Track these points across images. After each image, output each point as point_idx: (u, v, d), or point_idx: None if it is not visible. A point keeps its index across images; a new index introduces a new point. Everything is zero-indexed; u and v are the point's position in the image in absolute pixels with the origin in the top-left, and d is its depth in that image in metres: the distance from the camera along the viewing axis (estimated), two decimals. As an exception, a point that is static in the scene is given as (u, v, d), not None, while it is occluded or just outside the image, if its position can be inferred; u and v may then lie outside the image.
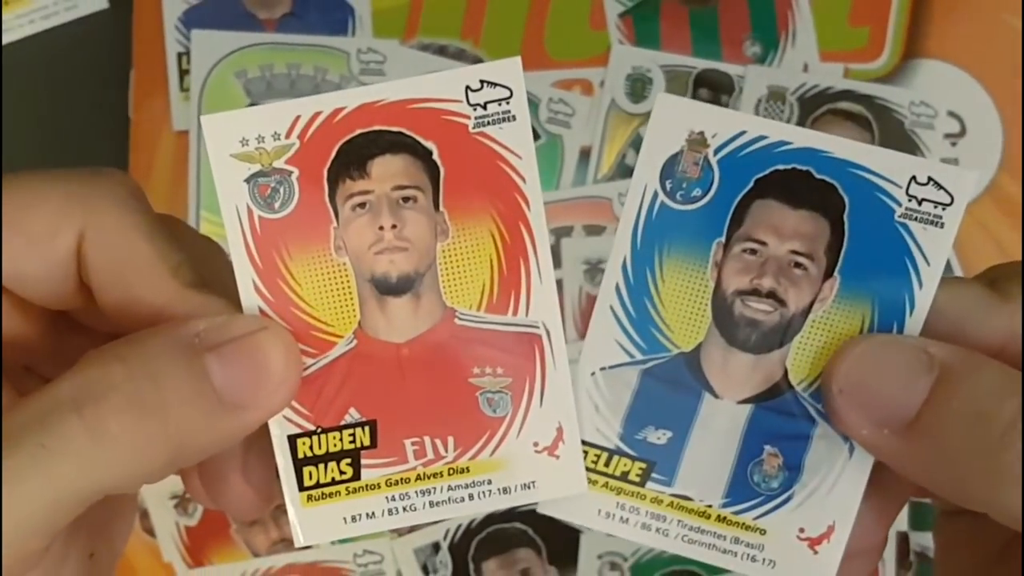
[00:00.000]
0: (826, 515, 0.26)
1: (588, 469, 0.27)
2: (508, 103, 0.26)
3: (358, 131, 0.26)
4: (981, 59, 0.50)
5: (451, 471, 0.27)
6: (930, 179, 0.25)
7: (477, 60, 0.51)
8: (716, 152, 0.26)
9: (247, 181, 0.26)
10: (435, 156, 0.26)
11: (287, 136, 0.26)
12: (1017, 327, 0.25)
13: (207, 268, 0.27)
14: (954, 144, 0.50)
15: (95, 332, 0.27)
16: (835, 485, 0.26)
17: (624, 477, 0.27)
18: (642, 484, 0.27)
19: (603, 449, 0.27)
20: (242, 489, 0.26)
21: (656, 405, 0.27)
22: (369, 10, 0.51)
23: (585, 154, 0.51)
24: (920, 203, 0.26)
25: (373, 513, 0.27)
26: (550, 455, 0.27)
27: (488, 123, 0.26)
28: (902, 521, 0.50)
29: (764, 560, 0.27)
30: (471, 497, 0.27)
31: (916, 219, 0.26)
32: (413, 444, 0.27)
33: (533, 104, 0.51)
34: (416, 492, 0.27)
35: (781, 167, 0.26)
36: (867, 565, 0.28)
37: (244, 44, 0.51)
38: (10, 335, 0.26)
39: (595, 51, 0.51)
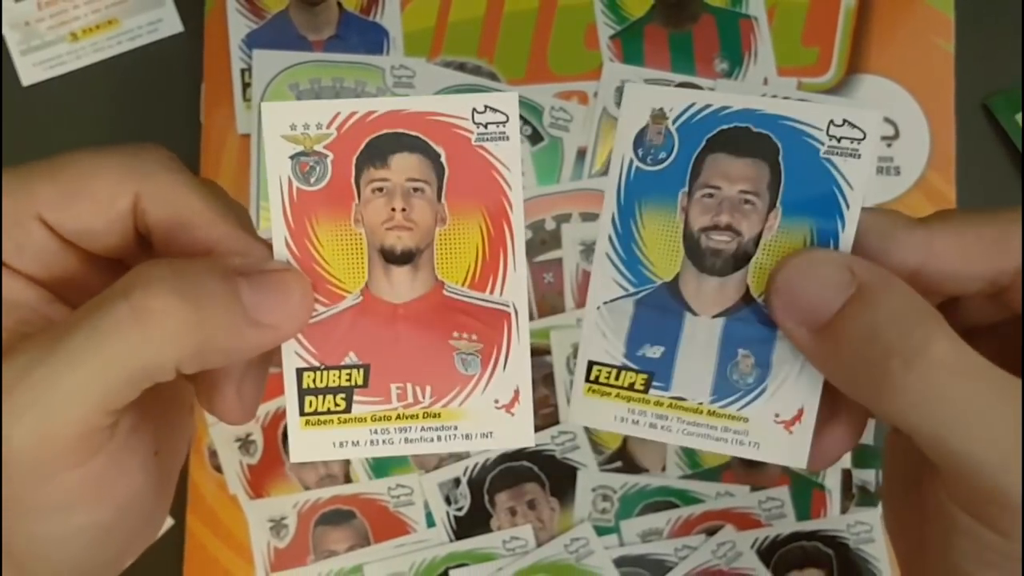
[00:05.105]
0: (795, 401, 0.28)
1: (602, 383, 0.29)
2: (504, 126, 0.28)
3: (384, 131, 0.28)
4: (912, 74, 0.53)
5: (425, 415, 0.29)
6: (845, 120, 0.27)
7: (491, 75, 0.53)
8: (674, 122, 0.28)
9: (291, 158, 0.28)
10: (442, 159, 0.28)
11: (327, 127, 0.28)
12: (929, 250, 0.26)
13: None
14: (889, 145, 0.52)
15: None
16: (799, 376, 0.28)
17: (631, 387, 0.29)
18: (646, 391, 0.29)
19: (612, 367, 0.29)
20: (233, 402, 0.28)
21: (649, 326, 0.29)
22: (401, 33, 0.53)
23: (581, 154, 0.53)
24: (839, 140, 0.27)
25: (358, 442, 0.29)
26: (507, 412, 0.29)
27: (487, 139, 0.28)
28: (846, 460, 0.52)
29: (749, 443, 0.29)
30: (439, 438, 0.29)
31: (838, 154, 0.27)
32: (397, 388, 0.29)
33: (538, 111, 0.52)
34: (395, 429, 0.29)
35: (725, 126, 0.28)
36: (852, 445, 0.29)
37: (296, 62, 0.53)
38: (77, 279, 0.28)
39: (590, 67, 0.53)
